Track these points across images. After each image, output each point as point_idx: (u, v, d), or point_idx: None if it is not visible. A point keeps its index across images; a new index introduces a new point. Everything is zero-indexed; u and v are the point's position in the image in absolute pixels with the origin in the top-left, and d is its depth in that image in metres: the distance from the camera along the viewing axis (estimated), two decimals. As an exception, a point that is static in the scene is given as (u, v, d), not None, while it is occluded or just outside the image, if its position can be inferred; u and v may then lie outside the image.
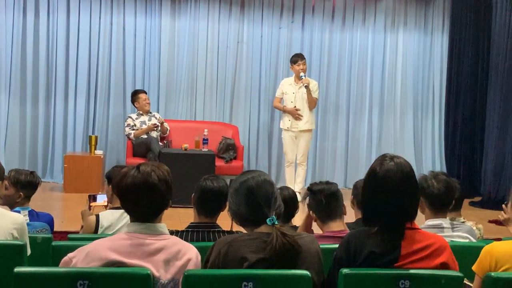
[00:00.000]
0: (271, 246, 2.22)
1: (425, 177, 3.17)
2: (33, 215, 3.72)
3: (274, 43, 8.65)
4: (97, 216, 3.60)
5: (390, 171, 2.34)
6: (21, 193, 3.71)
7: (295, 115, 7.39)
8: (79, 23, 8.15)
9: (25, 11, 8.04)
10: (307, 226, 3.27)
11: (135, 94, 7.93)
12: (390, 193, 2.33)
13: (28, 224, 3.45)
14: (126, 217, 3.50)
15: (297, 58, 7.43)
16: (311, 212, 3.18)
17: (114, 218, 3.55)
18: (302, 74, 7.30)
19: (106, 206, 3.95)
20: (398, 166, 2.35)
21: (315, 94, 7.43)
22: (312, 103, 7.41)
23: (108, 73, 8.30)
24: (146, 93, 7.95)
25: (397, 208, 2.33)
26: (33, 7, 8.05)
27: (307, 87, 7.27)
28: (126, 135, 7.78)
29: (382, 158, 2.41)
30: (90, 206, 3.98)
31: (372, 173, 2.39)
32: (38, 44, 8.08)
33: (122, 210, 3.52)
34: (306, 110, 7.40)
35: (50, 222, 3.76)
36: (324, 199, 3.08)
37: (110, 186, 3.69)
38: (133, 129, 7.72)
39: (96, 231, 3.54)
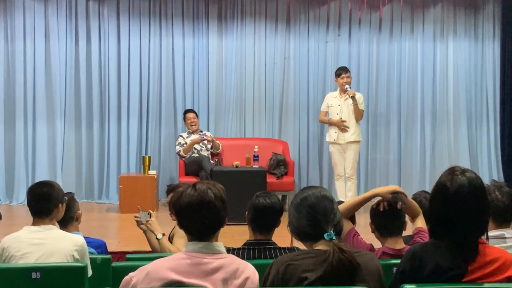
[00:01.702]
0: (328, 262, 2.19)
1: (488, 189, 3.07)
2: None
3: (321, 57, 8.65)
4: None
5: (463, 187, 2.29)
6: None
7: (341, 126, 7.35)
8: (129, 47, 8.35)
9: (77, 38, 8.28)
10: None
11: (184, 113, 8.08)
12: (462, 208, 2.27)
13: None
14: None
15: (340, 71, 7.41)
16: (370, 222, 3.12)
17: None
18: (347, 86, 7.28)
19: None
20: (470, 181, 2.30)
21: (361, 106, 7.39)
22: (359, 114, 7.36)
23: (159, 94, 8.45)
24: (194, 112, 8.05)
25: (469, 223, 2.27)
26: (85, 33, 8.29)
27: (353, 97, 7.23)
28: (176, 153, 7.89)
29: (452, 171, 2.35)
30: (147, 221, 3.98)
31: (442, 188, 2.33)
32: (90, 69, 8.31)
33: None
34: (352, 122, 7.36)
35: (99, 247, 3.79)
36: (386, 216, 3.01)
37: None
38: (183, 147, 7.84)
39: None
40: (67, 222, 3.70)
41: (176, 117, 8.47)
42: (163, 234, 3.84)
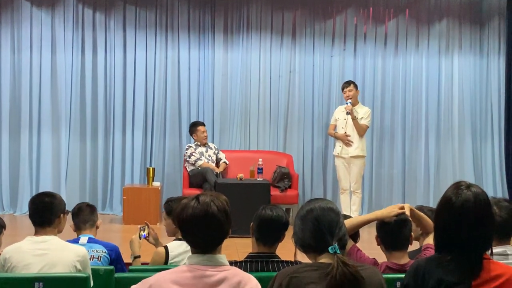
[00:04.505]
0: (331, 276, 2.18)
1: None
2: (94, 242, 3.80)
3: (326, 72, 8.66)
4: (166, 248, 3.67)
5: (468, 202, 2.28)
6: None
7: (345, 141, 7.38)
8: (135, 59, 8.39)
9: (84, 50, 8.32)
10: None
11: (194, 125, 8.04)
12: (467, 223, 2.26)
13: (84, 245, 3.52)
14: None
15: (343, 86, 7.54)
16: (375, 236, 3.11)
17: (182, 249, 3.61)
18: (348, 100, 7.35)
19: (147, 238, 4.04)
20: (475, 196, 2.29)
21: (365, 121, 7.40)
22: (360, 129, 7.37)
23: (164, 106, 8.47)
24: (204, 125, 8.05)
25: (473, 238, 2.26)
26: (91, 45, 8.32)
27: (349, 113, 7.30)
28: (193, 161, 7.80)
29: (458, 186, 2.34)
30: (141, 235, 4.01)
31: (447, 202, 2.32)
32: (96, 80, 8.34)
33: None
34: (356, 137, 7.38)
35: (113, 250, 3.81)
36: (393, 228, 3.01)
37: (171, 218, 3.74)
38: (201, 160, 7.78)
39: (166, 262, 3.59)
40: (91, 225, 3.88)
41: (181, 129, 8.48)
42: (136, 257, 3.91)
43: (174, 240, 3.77)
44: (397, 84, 8.73)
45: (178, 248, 3.65)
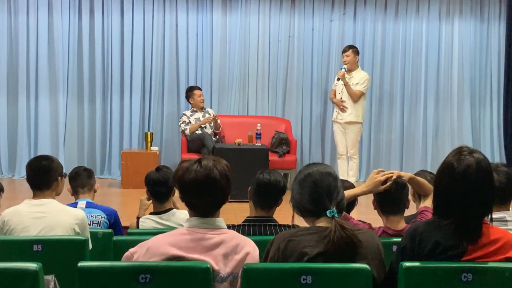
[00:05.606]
0: (329, 239, 2.20)
1: None
2: (93, 207, 3.82)
3: (325, 36, 8.58)
4: (138, 220, 3.74)
5: (470, 168, 2.27)
6: None
7: (340, 106, 7.37)
8: (133, 22, 8.30)
9: (81, 13, 8.23)
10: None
11: (190, 90, 8.01)
12: (468, 189, 2.26)
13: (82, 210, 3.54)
14: (163, 225, 3.62)
15: (343, 50, 7.47)
16: (372, 200, 3.12)
17: (148, 224, 3.66)
18: (344, 66, 7.32)
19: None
20: (477, 162, 2.28)
21: (360, 87, 7.34)
22: (353, 95, 7.32)
23: (162, 71, 8.42)
24: (200, 89, 8.03)
25: (474, 204, 2.26)
26: (88, 8, 8.23)
27: (339, 79, 7.27)
28: (181, 131, 7.86)
29: (460, 152, 2.33)
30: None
31: (449, 168, 2.31)
32: (93, 44, 8.27)
33: (158, 216, 3.65)
34: (350, 103, 7.36)
35: (111, 214, 3.84)
36: (390, 192, 3.00)
37: (149, 192, 3.77)
38: (188, 126, 7.81)
39: None
40: (89, 189, 3.90)
41: (179, 94, 8.44)
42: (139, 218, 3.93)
43: (149, 213, 3.80)
44: (397, 49, 8.67)
45: (147, 222, 3.69)
